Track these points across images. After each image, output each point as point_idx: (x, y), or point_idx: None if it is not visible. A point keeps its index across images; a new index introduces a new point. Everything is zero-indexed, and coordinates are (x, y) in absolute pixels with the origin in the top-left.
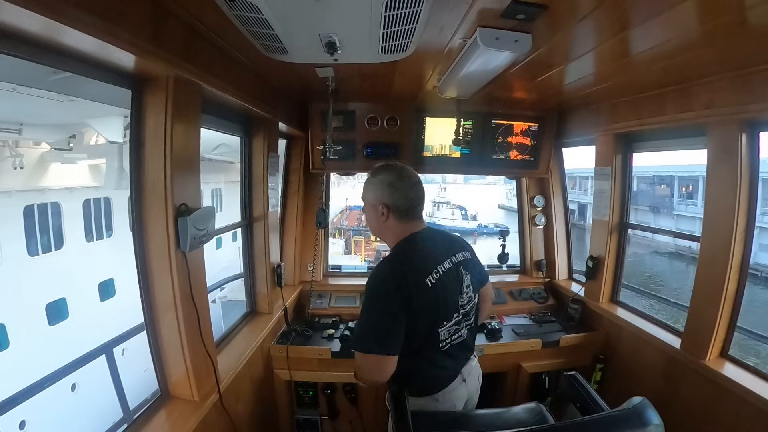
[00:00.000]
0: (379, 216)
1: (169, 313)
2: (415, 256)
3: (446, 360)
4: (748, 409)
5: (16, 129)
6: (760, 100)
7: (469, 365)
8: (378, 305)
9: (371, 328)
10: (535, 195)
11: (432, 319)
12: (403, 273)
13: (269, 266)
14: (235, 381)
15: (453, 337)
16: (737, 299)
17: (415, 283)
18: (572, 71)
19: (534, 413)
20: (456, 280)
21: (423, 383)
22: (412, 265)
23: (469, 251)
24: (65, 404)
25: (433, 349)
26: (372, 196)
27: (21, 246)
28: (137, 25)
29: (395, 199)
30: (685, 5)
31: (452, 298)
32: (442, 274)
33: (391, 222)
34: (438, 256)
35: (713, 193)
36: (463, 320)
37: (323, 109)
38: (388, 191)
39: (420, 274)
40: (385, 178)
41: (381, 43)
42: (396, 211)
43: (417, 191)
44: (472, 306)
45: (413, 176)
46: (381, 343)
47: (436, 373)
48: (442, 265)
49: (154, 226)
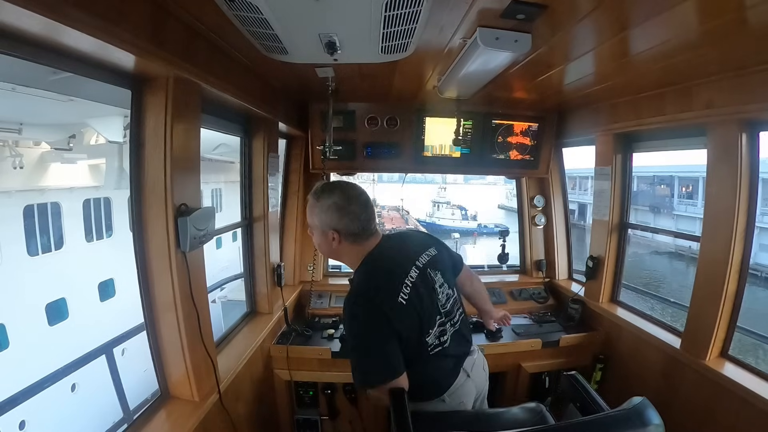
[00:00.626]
0: (330, 241)
1: (169, 313)
2: (380, 277)
3: (442, 361)
4: (748, 408)
5: (15, 129)
6: (760, 100)
7: (470, 359)
8: (367, 340)
9: (375, 361)
10: (535, 195)
11: (417, 331)
12: (375, 301)
13: (269, 266)
14: (235, 381)
15: (441, 339)
16: (737, 299)
17: (390, 306)
18: (572, 71)
19: (534, 413)
20: (427, 284)
21: (425, 389)
22: (379, 289)
23: (435, 245)
24: (65, 404)
25: (424, 357)
26: (319, 221)
27: (21, 246)
28: (137, 26)
29: (346, 224)
30: (684, 5)
31: (429, 304)
32: (412, 285)
33: (344, 246)
34: (402, 268)
35: (713, 193)
36: (447, 320)
37: (323, 109)
38: (337, 216)
39: (391, 295)
40: (332, 202)
41: (381, 43)
42: (348, 236)
43: (367, 211)
44: (453, 302)
45: (361, 195)
46: (391, 370)
47: (435, 376)
48: (409, 276)
49: (154, 226)
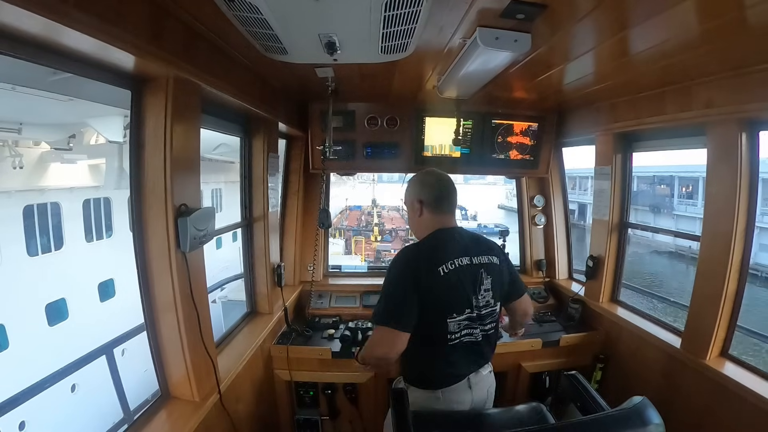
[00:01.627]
0: (415, 211)
1: (169, 314)
2: (434, 246)
3: (454, 356)
4: (748, 408)
5: (15, 129)
6: (759, 100)
7: (479, 374)
8: (392, 285)
9: (386, 305)
10: (535, 195)
11: (440, 307)
12: (417, 258)
13: (269, 266)
14: (235, 381)
15: (463, 333)
16: (737, 299)
17: (427, 268)
18: (572, 71)
19: (534, 413)
20: (472, 277)
21: (428, 374)
22: (427, 252)
23: (499, 257)
24: (65, 405)
25: (442, 341)
26: (408, 194)
27: (21, 246)
28: (137, 26)
29: (425, 194)
30: (684, 5)
31: (464, 293)
32: (457, 267)
33: (425, 216)
34: (457, 251)
35: (713, 192)
36: (478, 321)
37: (323, 109)
38: (420, 187)
39: (433, 261)
40: (417, 178)
41: (381, 43)
42: (428, 204)
43: (445, 186)
44: (490, 312)
45: (444, 176)
46: (395, 318)
47: (443, 367)
48: (459, 260)
49: (154, 226)
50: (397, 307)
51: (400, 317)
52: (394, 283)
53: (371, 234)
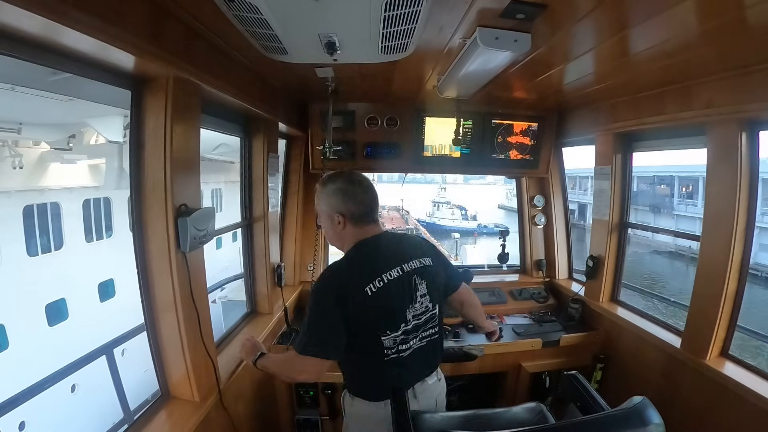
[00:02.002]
0: (336, 225)
1: (170, 314)
2: (359, 263)
3: (394, 370)
4: (748, 408)
5: (15, 128)
6: (759, 99)
7: (424, 383)
8: (317, 312)
9: (310, 332)
10: (535, 195)
11: (372, 327)
12: (341, 280)
13: (269, 266)
14: (235, 381)
15: (400, 348)
16: (737, 299)
17: (354, 289)
18: (572, 71)
19: (534, 413)
20: (405, 288)
21: (369, 389)
22: (352, 272)
23: (432, 258)
24: (65, 405)
25: (377, 358)
26: (326, 206)
27: (20, 246)
28: (136, 26)
29: (350, 206)
30: (684, 4)
31: (397, 309)
32: (387, 282)
33: (348, 229)
34: (386, 264)
35: (713, 192)
36: (414, 331)
37: (323, 109)
38: (342, 198)
39: (359, 281)
40: (337, 187)
41: (381, 43)
42: (351, 218)
43: (370, 195)
44: (429, 318)
45: (364, 181)
46: (320, 348)
47: (381, 381)
48: (388, 273)
49: (154, 226)
50: (321, 337)
51: (326, 347)
52: (318, 311)
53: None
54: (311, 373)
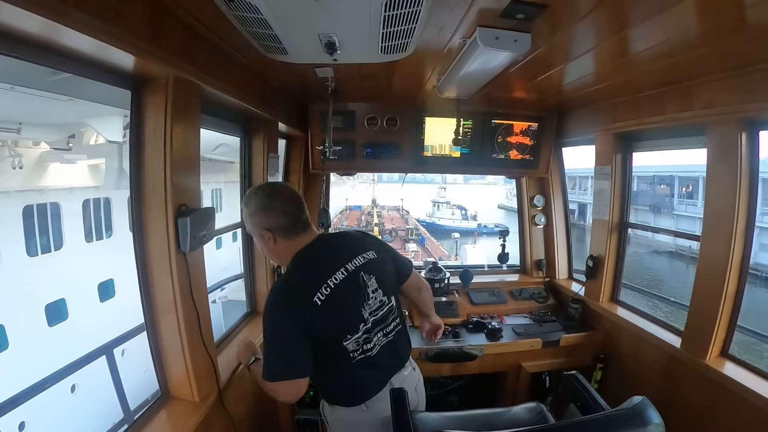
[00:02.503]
0: (268, 242)
1: (170, 314)
2: (300, 275)
3: (364, 370)
4: (748, 408)
5: (14, 128)
6: (759, 99)
7: (400, 375)
8: (276, 334)
9: (274, 357)
10: (535, 195)
11: (331, 335)
12: (292, 296)
13: (269, 266)
14: (235, 381)
15: (366, 347)
16: (737, 299)
17: (303, 305)
18: (572, 71)
19: (534, 413)
20: (354, 288)
21: (344, 395)
22: (296, 287)
23: (375, 249)
24: (65, 405)
25: (344, 362)
26: (252, 225)
27: (20, 246)
28: (136, 26)
29: (273, 221)
30: (684, 4)
31: (352, 310)
32: (333, 287)
33: (280, 244)
34: (326, 267)
35: (713, 192)
36: (375, 328)
37: (323, 109)
38: (264, 215)
39: (307, 293)
40: (257, 204)
41: (380, 43)
42: (279, 231)
43: (292, 204)
44: (388, 310)
45: (285, 190)
46: (287, 369)
47: (354, 384)
48: (333, 278)
49: (154, 226)
50: (288, 358)
51: (296, 366)
52: (277, 332)
53: None
54: (290, 395)
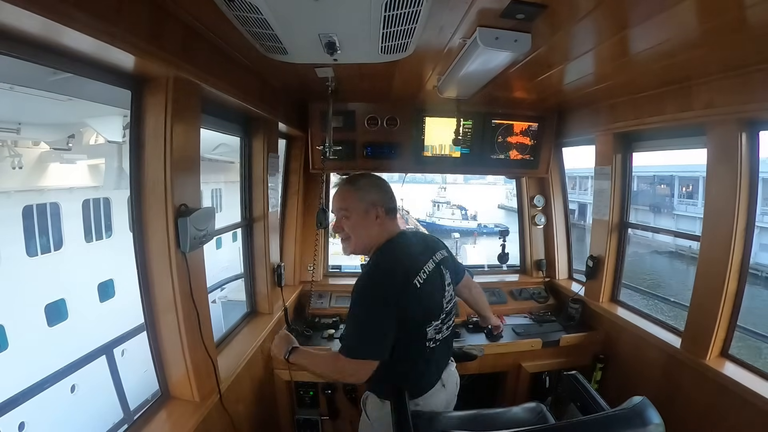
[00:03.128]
0: (373, 219)
1: (170, 314)
2: (400, 258)
3: (430, 364)
4: (748, 408)
5: (14, 128)
6: (759, 100)
7: (448, 370)
8: (369, 313)
9: (362, 335)
10: (535, 195)
11: (420, 319)
12: (392, 280)
13: (269, 266)
14: (235, 381)
15: (437, 337)
16: (737, 299)
17: (403, 285)
18: (572, 71)
19: (534, 413)
20: (439, 279)
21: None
22: (398, 267)
23: (446, 249)
24: (65, 405)
25: (420, 350)
26: (363, 201)
27: (20, 246)
28: (137, 26)
29: (386, 199)
30: (684, 5)
31: (438, 297)
32: (428, 273)
33: (383, 222)
34: (422, 255)
35: (713, 192)
36: (446, 319)
37: (323, 109)
38: (379, 191)
39: (407, 275)
40: (371, 181)
41: (381, 43)
42: (387, 210)
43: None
44: (453, 304)
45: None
46: (374, 350)
47: (419, 376)
48: (427, 265)
49: (154, 226)
50: (375, 338)
51: (379, 347)
52: (370, 311)
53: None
54: (363, 375)
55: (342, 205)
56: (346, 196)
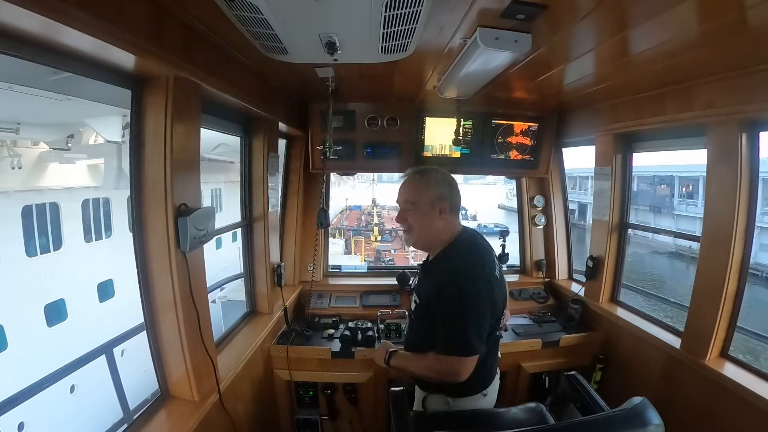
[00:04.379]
0: (437, 214)
1: (169, 314)
2: (482, 251)
3: (496, 353)
4: (748, 408)
5: (13, 128)
6: (760, 100)
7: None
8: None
9: (473, 331)
10: (535, 195)
11: (497, 310)
12: (485, 270)
13: (269, 266)
14: (235, 381)
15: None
16: (737, 299)
17: (490, 277)
18: (572, 71)
19: (534, 413)
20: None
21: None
22: (485, 258)
23: None
24: (65, 405)
25: (495, 341)
26: (431, 194)
27: (19, 247)
28: (137, 25)
29: (453, 195)
30: (685, 5)
31: (503, 292)
32: (499, 270)
33: (447, 218)
34: (489, 249)
35: (713, 193)
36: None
37: (323, 109)
38: (448, 187)
39: (491, 267)
40: (441, 176)
41: (381, 43)
42: (453, 207)
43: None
44: None
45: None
46: (481, 345)
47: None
48: (495, 261)
49: (154, 226)
50: (482, 332)
51: (483, 343)
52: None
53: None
54: (468, 372)
55: (409, 197)
56: (414, 188)
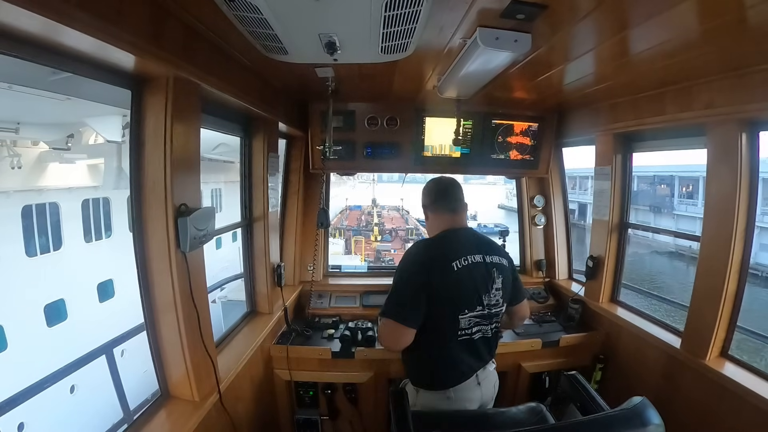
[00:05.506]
0: (427, 215)
1: (169, 314)
2: (444, 243)
3: (463, 354)
4: (748, 408)
5: (13, 128)
6: (760, 100)
7: (486, 370)
8: (402, 281)
9: (395, 300)
10: (535, 195)
11: (453, 303)
12: (431, 254)
13: (269, 266)
14: (235, 381)
15: (473, 330)
16: (737, 299)
17: (442, 264)
18: (572, 71)
19: (534, 413)
20: (485, 275)
21: (437, 374)
22: (441, 249)
23: (507, 260)
24: (64, 405)
25: (452, 338)
26: (422, 202)
27: (19, 247)
28: (137, 26)
29: (426, 198)
30: (685, 5)
31: (477, 290)
32: (470, 263)
33: (430, 218)
34: (470, 248)
35: (713, 192)
36: (487, 318)
37: (323, 109)
38: (423, 193)
39: (447, 257)
40: (426, 186)
41: (381, 43)
42: (428, 207)
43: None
44: (498, 311)
45: (443, 179)
46: (398, 312)
47: (452, 365)
48: (472, 256)
49: (154, 226)
50: (404, 304)
51: (406, 314)
52: (405, 279)
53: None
54: (391, 340)
55: None
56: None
